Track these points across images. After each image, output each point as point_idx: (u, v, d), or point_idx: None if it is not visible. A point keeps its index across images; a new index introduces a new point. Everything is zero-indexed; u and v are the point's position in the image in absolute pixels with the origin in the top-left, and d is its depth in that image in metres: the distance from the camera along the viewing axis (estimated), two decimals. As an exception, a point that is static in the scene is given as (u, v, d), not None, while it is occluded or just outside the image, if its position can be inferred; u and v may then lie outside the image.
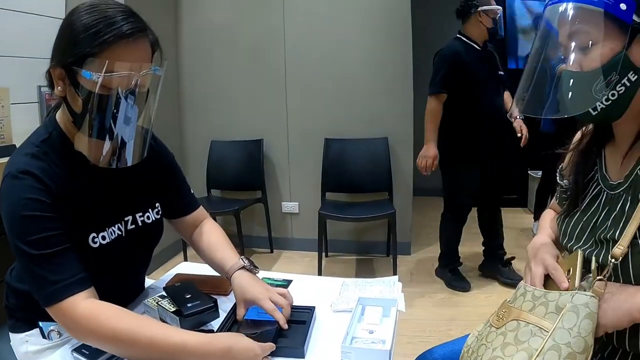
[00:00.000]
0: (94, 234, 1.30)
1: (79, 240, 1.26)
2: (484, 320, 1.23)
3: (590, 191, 1.24)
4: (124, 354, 1.16)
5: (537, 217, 4.69)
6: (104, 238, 1.33)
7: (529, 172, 5.02)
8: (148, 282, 1.76)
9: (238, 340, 1.17)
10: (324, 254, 4.22)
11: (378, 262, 4.36)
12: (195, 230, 1.67)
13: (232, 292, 1.49)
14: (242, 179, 4.44)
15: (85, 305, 1.15)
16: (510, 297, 1.20)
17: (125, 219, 1.42)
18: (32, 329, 1.46)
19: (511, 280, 3.57)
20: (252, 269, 1.48)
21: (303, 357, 1.24)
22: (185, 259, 4.16)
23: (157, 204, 1.53)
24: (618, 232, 1.07)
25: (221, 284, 1.60)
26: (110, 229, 1.36)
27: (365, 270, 4.20)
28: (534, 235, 1.40)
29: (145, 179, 1.48)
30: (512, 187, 5.19)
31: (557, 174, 1.40)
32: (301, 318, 1.38)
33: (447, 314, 3.32)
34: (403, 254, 4.30)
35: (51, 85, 1.22)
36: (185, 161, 4.70)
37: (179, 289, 1.48)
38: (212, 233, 1.65)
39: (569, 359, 0.97)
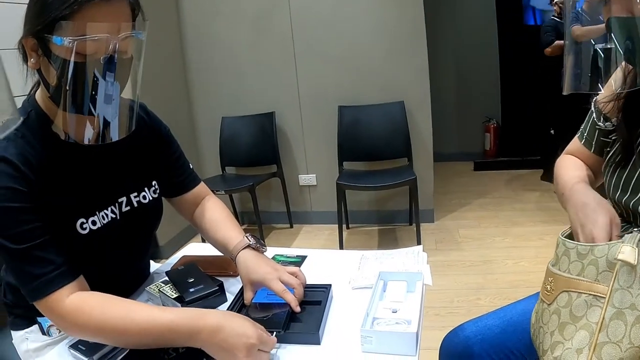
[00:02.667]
0: (82, 220, 1.19)
1: (66, 228, 1.16)
2: (513, 288, 1.08)
3: None
4: (115, 342, 1.11)
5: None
6: (94, 223, 1.21)
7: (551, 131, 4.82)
8: (154, 266, 1.66)
9: (235, 320, 1.05)
10: (344, 226, 4.13)
11: (401, 232, 4.24)
12: (197, 208, 1.54)
13: None
14: (256, 154, 4.33)
15: (71, 299, 1.07)
16: (552, 259, 1.04)
17: (119, 200, 1.30)
18: (31, 326, 1.40)
19: None
20: (259, 247, 1.34)
21: (318, 344, 1.11)
22: (203, 239, 4.04)
23: (153, 182, 1.40)
24: None
25: (228, 264, 1.47)
26: (102, 213, 1.24)
27: (388, 240, 4.09)
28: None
29: (138, 156, 1.36)
30: (536, 147, 5.01)
31: (593, 110, 1.25)
32: (316, 298, 1.25)
33: (475, 283, 3.19)
34: (426, 222, 4.17)
35: (25, 58, 1.10)
36: (197, 140, 4.61)
37: (181, 273, 1.37)
38: (214, 210, 1.52)
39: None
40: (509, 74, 5.43)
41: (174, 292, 1.29)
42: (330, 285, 1.29)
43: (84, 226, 1.19)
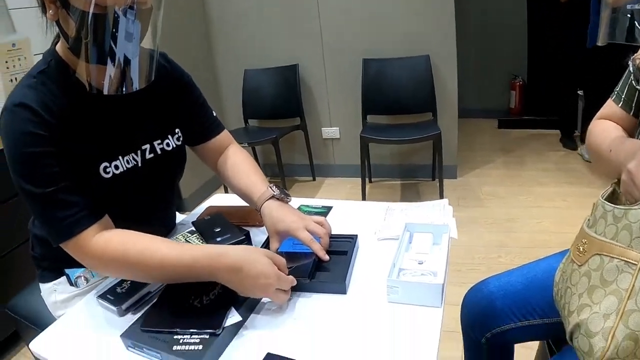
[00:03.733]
0: (105, 164, 1.20)
1: (90, 172, 1.17)
2: (533, 248, 1.05)
3: None
4: (140, 277, 1.15)
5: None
6: (116, 167, 1.22)
7: (579, 93, 4.67)
8: (180, 217, 1.67)
9: (254, 260, 1.06)
10: (367, 179, 4.12)
11: (423, 187, 4.22)
12: (220, 157, 1.54)
13: None
14: (279, 106, 4.30)
15: (97, 238, 1.10)
16: (589, 220, 1.02)
17: (143, 147, 1.30)
18: (59, 278, 1.44)
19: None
20: (283, 197, 1.33)
21: (345, 293, 1.12)
22: (227, 191, 4.08)
23: (176, 130, 1.40)
24: None
25: (254, 214, 1.47)
26: (125, 158, 1.25)
27: (410, 195, 4.08)
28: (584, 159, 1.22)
29: (161, 104, 1.36)
30: (558, 107, 4.88)
31: (631, 69, 1.19)
32: (342, 248, 1.25)
33: (496, 240, 3.18)
34: (449, 177, 4.15)
35: (43, 9, 1.09)
36: (219, 93, 4.59)
37: (208, 223, 1.38)
38: (237, 159, 1.51)
39: None
40: (537, 31, 5.23)
41: (201, 241, 1.30)
42: (356, 235, 1.29)
43: (107, 170, 1.20)
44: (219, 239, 1.27)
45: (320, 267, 1.20)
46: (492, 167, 4.42)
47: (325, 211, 1.54)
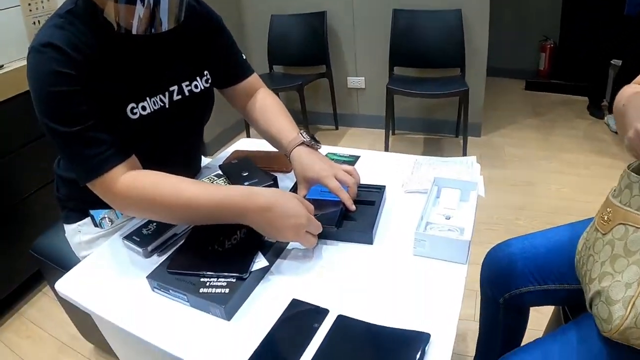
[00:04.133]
0: (132, 104, 1.19)
1: (117, 112, 1.16)
2: (553, 214, 1.03)
3: None
4: (166, 218, 1.14)
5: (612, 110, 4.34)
6: (144, 109, 1.21)
7: (612, 62, 4.53)
8: (205, 161, 1.67)
9: (285, 201, 1.05)
10: (390, 131, 4.08)
11: (446, 143, 4.19)
12: (249, 100, 1.51)
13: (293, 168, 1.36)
14: (305, 53, 4.24)
15: (125, 177, 1.09)
16: (614, 190, 1.00)
17: (171, 89, 1.29)
18: (83, 219, 1.46)
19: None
20: (314, 144, 1.32)
21: (371, 243, 1.12)
22: (248, 136, 4.10)
23: (205, 72, 1.38)
24: None
25: (282, 160, 1.47)
26: (153, 99, 1.24)
27: (433, 150, 4.06)
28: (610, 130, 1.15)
29: (190, 45, 1.34)
30: (588, 74, 4.75)
31: None
32: (370, 198, 1.24)
33: (515, 203, 3.16)
34: (473, 135, 4.10)
35: None
36: (245, 38, 4.54)
37: (235, 167, 1.38)
38: (267, 103, 1.48)
39: None
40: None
41: (228, 184, 1.30)
42: (384, 186, 1.28)
43: (134, 111, 1.19)
44: (246, 183, 1.26)
45: (348, 217, 1.19)
46: (517, 129, 4.35)
47: (352, 160, 1.52)
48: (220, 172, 1.38)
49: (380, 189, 1.27)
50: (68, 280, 1.11)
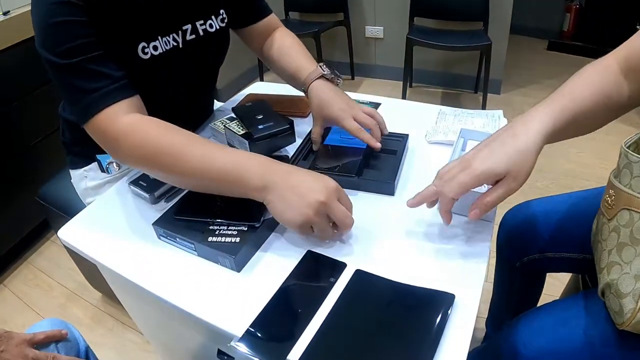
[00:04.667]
0: (143, 44, 1.10)
1: (127, 52, 1.08)
2: (570, 177, 0.93)
3: None
4: (169, 176, 0.99)
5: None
6: (155, 48, 1.13)
7: (638, 26, 4.36)
8: (217, 105, 1.61)
9: (315, 174, 0.92)
10: (409, 83, 4.02)
11: (465, 98, 4.11)
12: (267, 40, 1.43)
13: (310, 112, 1.28)
14: (322, 0, 4.13)
15: (129, 117, 0.99)
16: (615, 169, 0.92)
17: (184, 28, 1.20)
18: (90, 164, 1.42)
19: None
20: (334, 78, 1.24)
21: (392, 194, 1.05)
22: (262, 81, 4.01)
23: (221, 11, 1.29)
24: None
25: (299, 104, 1.40)
26: (165, 39, 1.15)
27: (451, 104, 3.90)
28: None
29: None
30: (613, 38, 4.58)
31: None
32: (392, 147, 1.17)
33: (536, 164, 3.06)
34: (492, 92, 4.01)
35: None
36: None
37: (249, 110, 1.30)
38: (285, 42, 1.40)
39: None
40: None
41: (241, 128, 1.23)
42: (407, 135, 1.21)
43: (146, 50, 1.11)
44: (260, 127, 1.19)
45: (369, 165, 1.13)
46: (537, 89, 4.25)
47: (373, 106, 1.44)
48: (233, 115, 1.31)
49: (403, 138, 1.20)
50: (71, 228, 1.06)
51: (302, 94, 1.27)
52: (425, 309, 0.78)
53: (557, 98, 0.94)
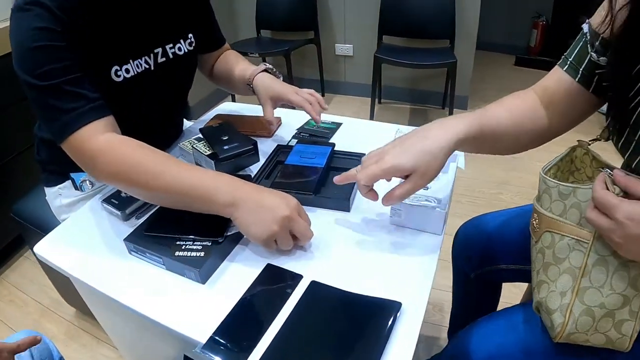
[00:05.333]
0: (116, 67, 1.18)
1: (101, 74, 1.15)
2: (536, 189, 1.01)
3: None
4: (143, 192, 1.05)
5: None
6: (127, 71, 1.21)
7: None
8: (187, 124, 1.68)
9: (277, 193, 1.01)
10: (376, 100, 4.12)
11: (432, 114, 4.22)
12: (221, 57, 1.60)
13: (275, 133, 1.45)
14: (293, 18, 4.23)
15: (105, 136, 1.05)
16: (537, 194, 0.99)
17: (155, 51, 1.29)
18: (64, 182, 1.46)
19: None
20: (275, 72, 1.46)
21: (348, 211, 1.13)
22: (234, 101, 4.09)
23: (190, 35, 1.39)
24: None
25: (262, 124, 1.49)
26: (137, 62, 1.23)
27: (418, 120, 4.08)
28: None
29: (174, 8, 1.34)
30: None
31: (586, 29, 1.03)
32: (349, 166, 1.24)
33: (499, 177, 3.21)
34: (459, 107, 4.12)
35: None
36: (234, 1, 4.54)
37: (216, 130, 1.37)
38: (230, 55, 1.60)
39: (621, 271, 0.82)
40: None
41: (208, 149, 1.30)
42: (364, 154, 1.28)
43: (119, 73, 1.19)
44: (225, 147, 1.26)
45: (326, 183, 1.21)
46: (504, 103, 4.35)
47: (334, 127, 1.53)
48: (200, 135, 1.38)
49: (360, 158, 1.27)
50: (47, 243, 1.11)
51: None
52: (374, 316, 0.84)
53: (476, 112, 1.04)
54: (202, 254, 0.96)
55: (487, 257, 1.36)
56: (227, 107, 1.73)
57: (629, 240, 0.74)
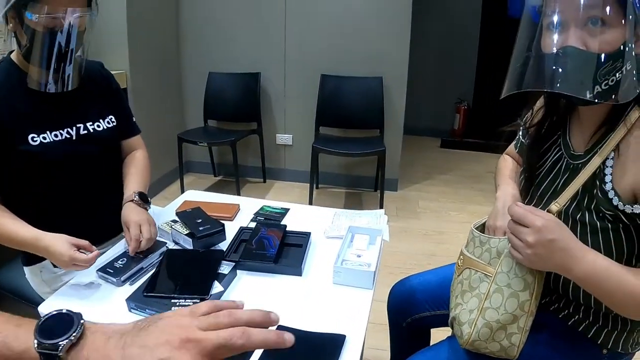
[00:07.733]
0: (33, 134, 1.47)
1: (15, 141, 1.44)
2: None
3: (552, 155, 1.29)
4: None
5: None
6: (45, 138, 1.49)
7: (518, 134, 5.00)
8: (156, 208, 1.87)
9: (55, 244, 1.33)
10: (315, 185, 4.38)
11: (366, 196, 4.52)
12: (128, 156, 1.85)
13: (235, 217, 1.73)
14: (238, 110, 4.53)
15: None
16: (465, 242, 1.35)
17: (77, 125, 1.58)
18: (43, 261, 1.60)
19: None
20: (141, 203, 1.61)
21: (300, 275, 1.45)
22: (182, 185, 4.36)
23: (110, 116, 1.70)
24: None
25: (227, 208, 1.79)
26: (55, 132, 1.52)
27: (353, 203, 4.37)
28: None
29: (94, 96, 1.67)
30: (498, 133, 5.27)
31: (521, 128, 1.50)
32: (298, 242, 1.59)
33: (428, 249, 3.50)
34: (390, 189, 4.49)
35: (6, 21, 1.42)
36: (183, 91, 4.76)
37: (190, 214, 1.66)
38: (135, 164, 1.82)
39: (512, 297, 1.14)
40: (486, 61, 5.70)
41: (185, 229, 1.59)
42: (309, 233, 1.63)
43: (35, 139, 1.47)
44: (201, 228, 1.55)
45: (282, 255, 1.53)
46: (431, 184, 4.78)
47: (283, 212, 1.86)
48: (176, 218, 1.66)
49: (307, 235, 1.62)
50: (51, 304, 1.28)
51: (229, 200, 1.73)
52: (327, 346, 1.13)
53: (507, 177, 1.54)
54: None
55: (414, 306, 1.66)
56: (192, 195, 2.03)
57: (539, 244, 1.03)
